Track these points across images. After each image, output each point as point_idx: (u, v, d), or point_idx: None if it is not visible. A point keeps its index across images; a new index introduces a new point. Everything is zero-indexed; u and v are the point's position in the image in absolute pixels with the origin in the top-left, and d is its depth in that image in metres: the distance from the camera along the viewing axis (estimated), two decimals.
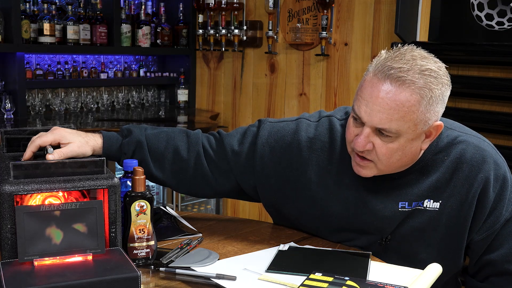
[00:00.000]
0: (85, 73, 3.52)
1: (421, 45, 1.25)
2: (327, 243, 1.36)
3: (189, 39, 3.82)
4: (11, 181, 1.04)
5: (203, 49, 3.72)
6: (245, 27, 3.51)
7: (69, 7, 3.33)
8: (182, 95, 3.85)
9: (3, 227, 1.02)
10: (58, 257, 1.03)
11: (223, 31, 3.55)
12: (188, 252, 1.23)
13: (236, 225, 1.51)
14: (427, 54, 1.21)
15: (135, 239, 1.17)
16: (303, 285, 1.03)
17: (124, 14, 3.57)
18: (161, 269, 1.16)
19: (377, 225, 1.31)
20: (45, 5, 3.26)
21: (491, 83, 2.52)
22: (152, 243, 1.19)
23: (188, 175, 1.41)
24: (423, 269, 1.12)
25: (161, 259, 1.19)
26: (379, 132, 1.19)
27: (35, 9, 3.22)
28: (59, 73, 3.39)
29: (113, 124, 3.17)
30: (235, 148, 1.40)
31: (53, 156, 1.18)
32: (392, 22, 2.89)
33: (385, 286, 1.03)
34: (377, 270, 1.18)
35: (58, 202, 1.08)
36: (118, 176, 1.15)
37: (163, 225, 1.45)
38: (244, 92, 3.65)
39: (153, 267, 1.18)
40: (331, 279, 1.05)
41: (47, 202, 1.08)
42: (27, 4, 3.19)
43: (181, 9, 3.78)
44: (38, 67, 3.35)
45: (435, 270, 1.11)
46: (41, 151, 1.23)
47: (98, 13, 3.43)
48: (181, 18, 3.79)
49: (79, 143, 1.26)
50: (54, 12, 3.27)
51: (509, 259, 1.30)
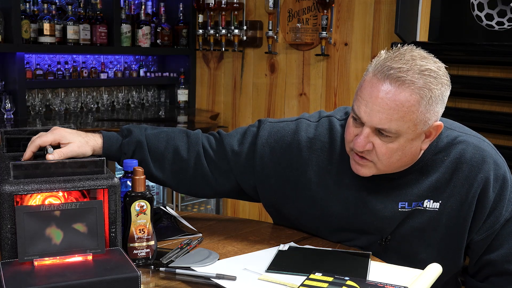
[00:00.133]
0: (85, 73, 3.52)
1: (421, 45, 1.25)
2: (327, 243, 1.36)
3: (189, 39, 3.82)
4: (11, 181, 1.04)
5: (203, 49, 3.72)
6: (245, 27, 3.51)
7: (69, 7, 3.33)
8: (182, 95, 3.85)
9: (3, 227, 1.02)
10: (58, 257, 1.03)
11: (223, 31, 3.55)
12: (188, 252, 1.23)
13: (236, 225, 1.51)
14: (426, 54, 1.21)
15: (135, 239, 1.17)
16: (303, 285, 1.03)
17: (124, 14, 3.57)
18: (161, 269, 1.16)
19: (377, 225, 1.31)
20: (45, 5, 3.26)
21: (491, 83, 2.52)
22: (152, 243, 1.19)
23: (188, 175, 1.41)
24: (423, 269, 1.12)
25: (161, 259, 1.19)
26: (379, 132, 1.19)
27: (35, 9, 3.22)
28: (59, 73, 3.39)
29: (113, 124, 3.16)
30: (235, 148, 1.40)
31: (53, 156, 1.18)
32: (392, 22, 2.89)
33: (385, 286, 1.03)
34: (377, 270, 1.18)
35: (58, 202, 1.08)
36: (118, 176, 1.15)
37: (163, 225, 1.45)
38: (244, 92, 3.65)
39: (153, 267, 1.18)
40: (331, 279, 1.05)
41: (47, 202, 1.08)
42: (27, 4, 3.19)
43: (181, 9, 3.78)
44: (38, 67, 3.35)
45: (435, 270, 1.11)
46: (41, 151, 1.23)
47: (98, 13, 3.43)
48: (181, 18, 3.79)
49: (79, 143, 1.26)
50: (54, 12, 3.27)
51: (509, 259, 1.30)
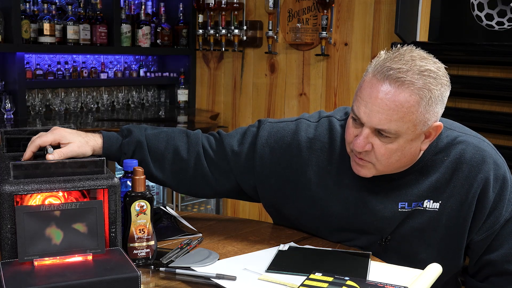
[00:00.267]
0: (85, 73, 3.52)
1: (421, 45, 1.25)
2: (327, 243, 1.36)
3: (189, 39, 3.82)
4: (11, 181, 1.04)
5: (203, 49, 3.72)
6: (245, 27, 3.51)
7: (69, 7, 3.33)
8: (182, 95, 3.85)
9: (3, 227, 1.02)
10: (58, 257, 1.03)
11: (223, 31, 3.55)
12: (188, 252, 1.23)
13: (236, 225, 1.51)
14: (426, 54, 1.21)
15: (135, 239, 1.18)
16: (303, 285, 1.03)
17: (124, 14, 3.57)
18: (161, 269, 1.16)
19: (377, 225, 1.31)
20: (45, 5, 3.26)
21: (491, 83, 2.52)
22: (152, 243, 1.19)
23: (188, 175, 1.41)
24: (423, 269, 1.12)
25: (161, 259, 1.19)
26: (378, 132, 1.19)
27: (35, 9, 3.22)
28: (59, 73, 3.39)
29: (113, 124, 3.16)
30: (235, 148, 1.40)
31: (53, 156, 1.18)
32: (392, 22, 2.89)
33: (385, 286, 1.03)
34: (377, 270, 1.18)
35: (58, 202, 1.08)
36: (118, 176, 1.16)
37: (163, 225, 1.45)
38: (244, 92, 3.65)
39: (153, 267, 1.18)
40: (331, 279, 1.05)
41: (47, 202, 1.08)
42: (27, 4, 3.19)
43: (181, 9, 3.78)
44: (38, 67, 3.35)
45: (435, 270, 1.11)
46: (41, 151, 1.23)
47: (98, 13, 3.43)
48: (181, 18, 3.79)
49: (79, 143, 1.26)
50: (54, 12, 3.27)
51: (509, 259, 1.30)
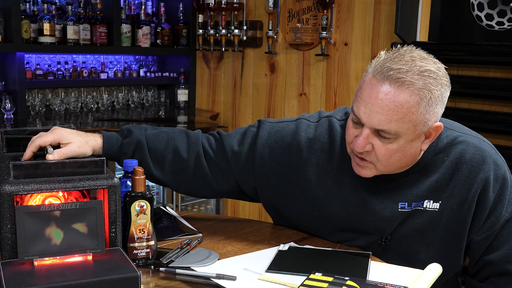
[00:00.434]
0: (85, 73, 3.52)
1: (421, 45, 1.25)
2: (327, 243, 1.36)
3: (189, 39, 3.82)
4: (11, 181, 1.04)
5: (203, 49, 3.72)
6: (245, 27, 3.51)
7: (69, 7, 3.33)
8: (182, 95, 3.85)
9: (3, 227, 1.02)
10: (58, 257, 1.03)
11: (223, 31, 3.55)
12: (188, 252, 1.23)
13: (236, 225, 1.51)
14: (426, 55, 1.21)
15: (135, 239, 1.18)
16: (303, 285, 1.03)
17: (124, 14, 3.58)
18: (161, 269, 1.16)
19: (376, 226, 1.31)
20: (45, 5, 3.26)
21: (491, 83, 2.53)
22: (152, 243, 1.19)
23: (188, 175, 1.41)
24: (423, 269, 1.12)
25: (161, 259, 1.19)
26: (378, 133, 1.19)
27: (35, 9, 3.22)
28: (59, 73, 3.39)
29: (113, 124, 3.16)
30: (235, 148, 1.40)
31: (53, 156, 1.18)
32: (392, 22, 2.89)
33: (385, 286, 1.03)
34: (377, 270, 1.18)
35: (58, 202, 1.08)
36: (118, 176, 1.16)
37: (163, 225, 1.45)
38: (244, 92, 3.65)
39: (153, 267, 1.18)
40: (331, 279, 1.05)
41: (47, 202, 1.08)
42: (27, 4, 3.19)
43: (181, 9, 3.78)
44: (38, 67, 3.35)
45: (435, 270, 1.11)
46: (41, 151, 1.23)
47: (98, 13, 3.43)
48: (181, 18, 3.79)
49: (79, 143, 1.26)
50: (54, 12, 3.27)
51: (509, 260, 1.30)
